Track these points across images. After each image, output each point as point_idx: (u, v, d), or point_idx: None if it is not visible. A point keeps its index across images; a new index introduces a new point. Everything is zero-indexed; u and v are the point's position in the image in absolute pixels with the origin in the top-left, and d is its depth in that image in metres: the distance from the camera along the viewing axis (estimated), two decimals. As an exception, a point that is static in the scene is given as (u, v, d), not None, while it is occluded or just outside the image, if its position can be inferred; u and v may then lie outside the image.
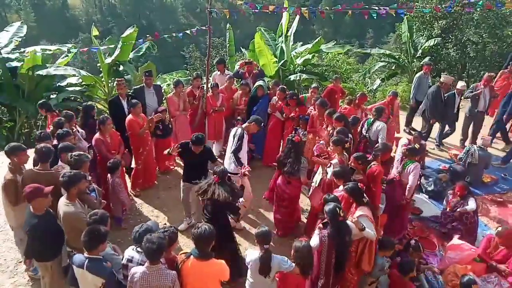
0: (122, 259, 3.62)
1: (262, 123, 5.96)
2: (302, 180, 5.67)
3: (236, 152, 5.42)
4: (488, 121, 8.75)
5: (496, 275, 4.62)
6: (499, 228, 4.77)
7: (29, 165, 4.66)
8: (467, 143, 8.39)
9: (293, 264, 3.71)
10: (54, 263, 4.02)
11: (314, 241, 3.97)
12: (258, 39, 11.14)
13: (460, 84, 8.09)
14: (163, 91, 10.73)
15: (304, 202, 6.30)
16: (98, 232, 3.32)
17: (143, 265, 3.37)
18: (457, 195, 5.77)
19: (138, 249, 3.52)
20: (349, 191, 4.36)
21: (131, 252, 3.58)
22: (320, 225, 4.09)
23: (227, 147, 5.62)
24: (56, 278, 4.08)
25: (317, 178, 5.58)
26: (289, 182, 5.33)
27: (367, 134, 6.38)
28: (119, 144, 5.87)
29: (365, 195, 4.41)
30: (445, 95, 7.96)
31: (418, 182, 6.94)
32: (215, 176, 4.43)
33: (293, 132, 6.46)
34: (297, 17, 11.97)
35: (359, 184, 4.48)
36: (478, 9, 11.97)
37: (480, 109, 8.15)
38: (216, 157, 7.58)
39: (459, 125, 8.47)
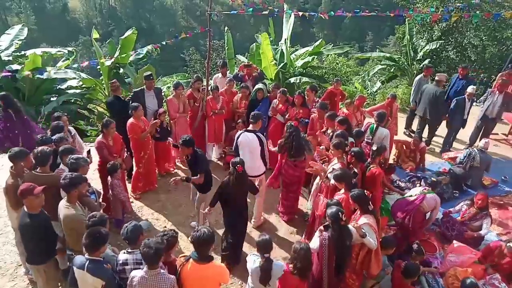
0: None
1: (263, 116, 6.06)
2: (312, 157, 5.74)
3: (265, 156, 5.60)
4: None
5: (497, 277, 4.61)
6: (511, 244, 4.65)
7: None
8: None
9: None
10: (48, 267, 3.99)
11: (315, 243, 3.97)
12: (263, 40, 11.20)
13: (470, 88, 7.96)
14: (163, 94, 10.77)
15: (305, 205, 6.31)
16: (99, 234, 3.32)
17: (139, 263, 3.37)
18: (478, 205, 5.54)
19: (129, 249, 3.52)
20: (354, 198, 4.30)
21: (123, 255, 3.55)
22: (321, 227, 4.09)
23: (245, 153, 5.42)
24: (51, 282, 4.06)
25: (318, 181, 5.57)
26: (295, 165, 5.59)
27: (371, 141, 6.36)
28: (121, 147, 5.87)
29: (370, 203, 4.37)
30: (455, 99, 7.89)
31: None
32: (238, 166, 4.58)
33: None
34: (294, 19, 12.04)
35: (365, 191, 4.47)
36: (478, 12, 12.00)
37: (493, 116, 8.08)
38: (216, 159, 7.68)
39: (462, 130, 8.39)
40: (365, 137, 6.39)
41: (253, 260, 3.75)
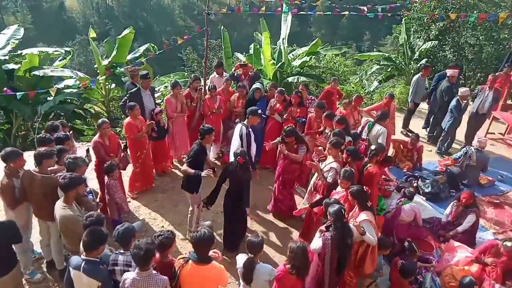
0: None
1: (259, 110, 6.04)
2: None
3: (248, 151, 5.63)
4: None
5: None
6: (508, 243, 4.61)
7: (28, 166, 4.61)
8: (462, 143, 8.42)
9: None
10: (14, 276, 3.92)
11: (317, 243, 3.94)
12: (264, 39, 11.17)
13: (462, 90, 7.99)
14: (161, 93, 10.77)
15: (301, 205, 6.29)
16: (100, 233, 3.30)
17: (128, 265, 3.34)
18: (462, 203, 5.52)
19: (121, 250, 3.48)
20: (354, 194, 4.31)
21: (114, 256, 3.52)
22: (322, 227, 4.07)
23: (231, 146, 5.85)
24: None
25: (315, 180, 5.57)
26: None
27: (367, 137, 6.37)
28: (117, 147, 5.85)
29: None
30: (450, 108, 7.94)
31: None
32: (239, 157, 4.77)
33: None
34: (291, 19, 12.05)
35: (364, 187, 4.48)
36: (475, 12, 12.07)
37: (484, 111, 8.14)
38: (214, 159, 7.67)
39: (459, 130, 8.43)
40: (363, 133, 6.44)
41: (240, 259, 3.80)
